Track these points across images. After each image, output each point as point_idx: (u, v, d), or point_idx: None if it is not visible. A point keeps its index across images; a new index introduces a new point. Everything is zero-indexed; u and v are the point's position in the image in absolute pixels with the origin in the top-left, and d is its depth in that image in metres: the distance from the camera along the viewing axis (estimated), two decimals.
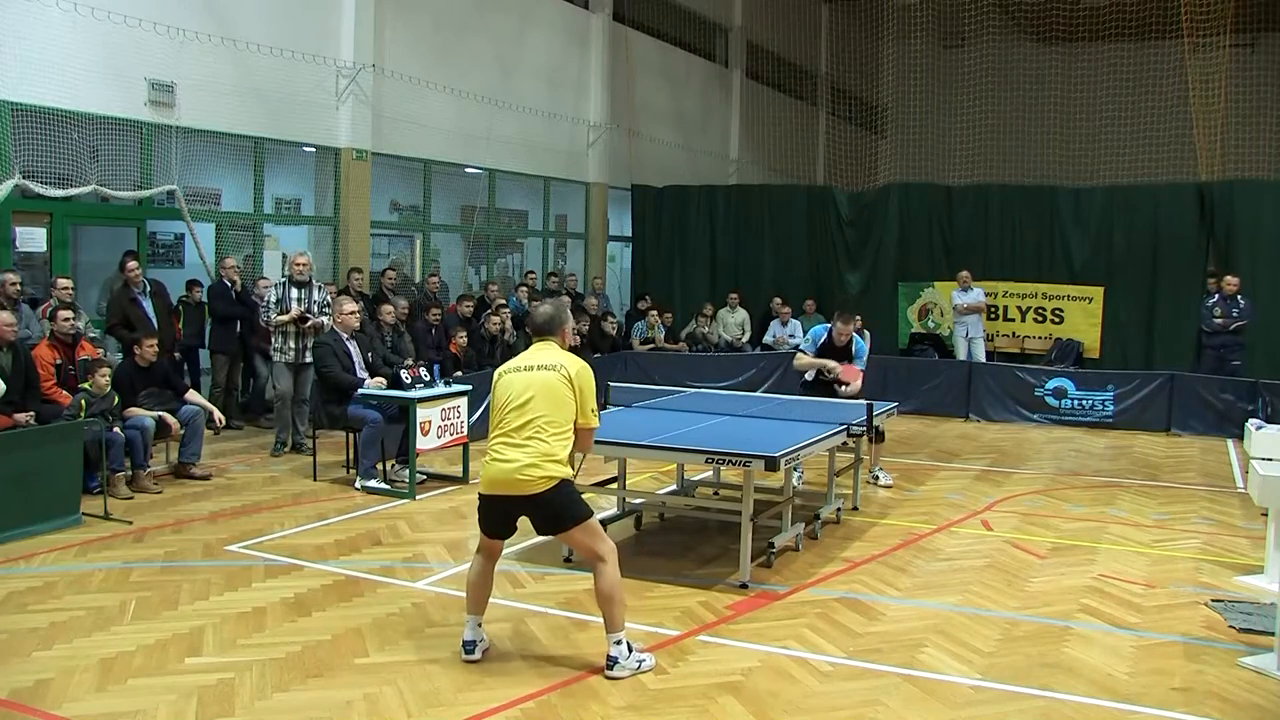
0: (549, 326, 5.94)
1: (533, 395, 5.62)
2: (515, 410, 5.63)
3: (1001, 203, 17.50)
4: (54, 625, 6.16)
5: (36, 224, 11.62)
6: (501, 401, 5.71)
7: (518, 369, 5.77)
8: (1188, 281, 15.95)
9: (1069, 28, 22.80)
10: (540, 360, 5.76)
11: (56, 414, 9.08)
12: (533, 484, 5.53)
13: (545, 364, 5.72)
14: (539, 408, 5.60)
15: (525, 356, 5.87)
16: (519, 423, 5.60)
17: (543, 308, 6.04)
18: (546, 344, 5.91)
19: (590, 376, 5.78)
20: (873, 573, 7.58)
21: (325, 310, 11.30)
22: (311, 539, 8.17)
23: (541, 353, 5.83)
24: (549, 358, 5.77)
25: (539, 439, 5.56)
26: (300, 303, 11.27)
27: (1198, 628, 6.54)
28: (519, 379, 5.70)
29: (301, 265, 11.47)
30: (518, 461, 5.54)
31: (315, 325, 11.18)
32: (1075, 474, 11.47)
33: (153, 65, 12.15)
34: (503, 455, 5.59)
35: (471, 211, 17.87)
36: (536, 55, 18.42)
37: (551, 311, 5.98)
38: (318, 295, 11.44)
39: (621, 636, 5.60)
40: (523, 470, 5.52)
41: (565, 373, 5.67)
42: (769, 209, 19.20)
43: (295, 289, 11.34)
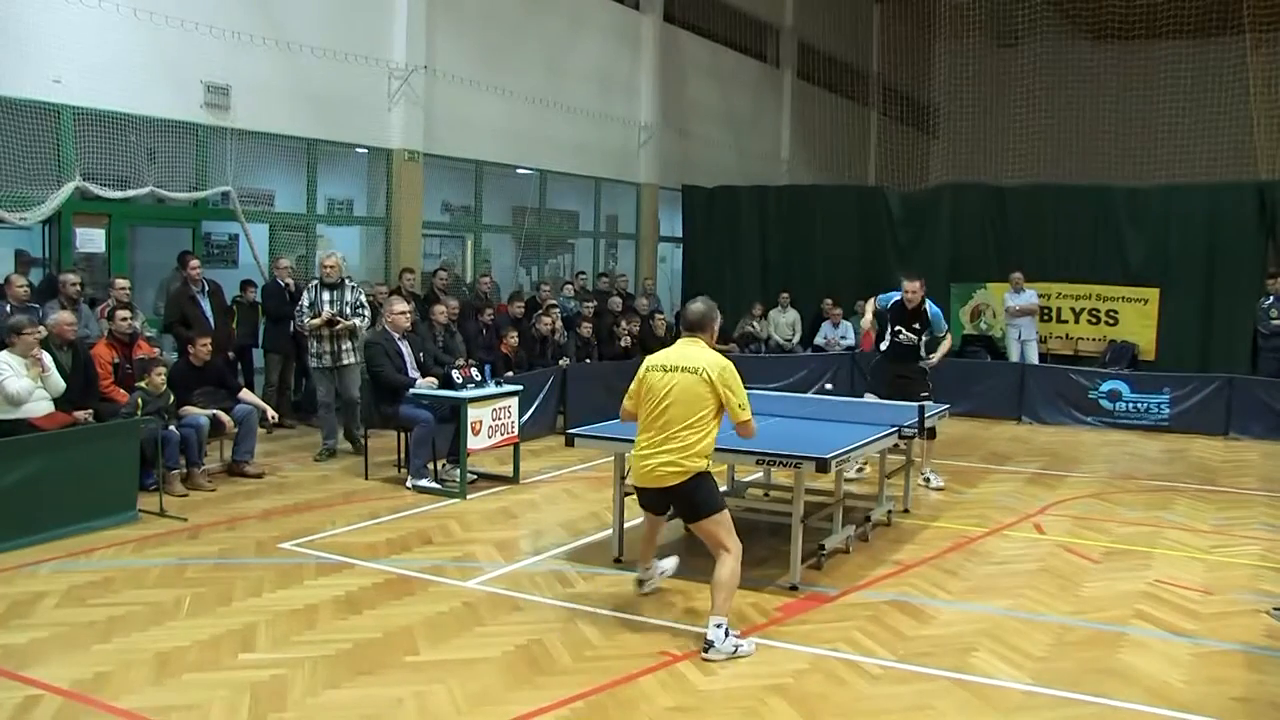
0: (701, 323, 6.21)
1: (670, 400, 5.97)
2: (654, 412, 6.03)
3: (1055, 203, 17.28)
4: (112, 619, 6.26)
5: (96, 225, 11.80)
6: (645, 396, 6.12)
7: (661, 367, 6.10)
8: (1246, 283, 15.65)
9: (1125, 25, 22.51)
10: (683, 361, 6.04)
11: (114, 412, 9.23)
12: (669, 478, 5.99)
13: (687, 365, 6.00)
14: (674, 412, 5.96)
15: (671, 354, 6.18)
16: (656, 424, 6.02)
17: (696, 305, 6.29)
18: (694, 341, 6.19)
19: (734, 374, 6.02)
20: (923, 575, 7.52)
21: (360, 311, 11.15)
22: (362, 537, 8.23)
23: (687, 351, 6.12)
24: (692, 358, 6.04)
25: (675, 439, 5.95)
26: (332, 305, 11.02)
27: (1258, 636, 6.42)
28: (660, 379, 6.06)
29: (329, 267, 11.16)
30: (655, 460, 6.00)
31: (347, 328, 11.01)
32: (1130, 477, 11.31)
33: (208, 68, 12.31)
34: (644, 454, 6.06)
35: (523, 212, 17.94)
36: (587, 56, 18.45)
37: (704, 309, 6.24)
38: (350, 296, 11.16)
39: (723, 621, 5.85)
40: (660, 468, 5.99)
41: (706, 375, 5.94)
42: (820, 209, 19.10)
43: (327, 291, 11.10)
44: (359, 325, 11.06)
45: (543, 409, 12.81)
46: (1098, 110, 23.05)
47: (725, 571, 5.93)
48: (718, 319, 6.32)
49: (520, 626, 6.30)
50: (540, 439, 12.44)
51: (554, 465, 11.19)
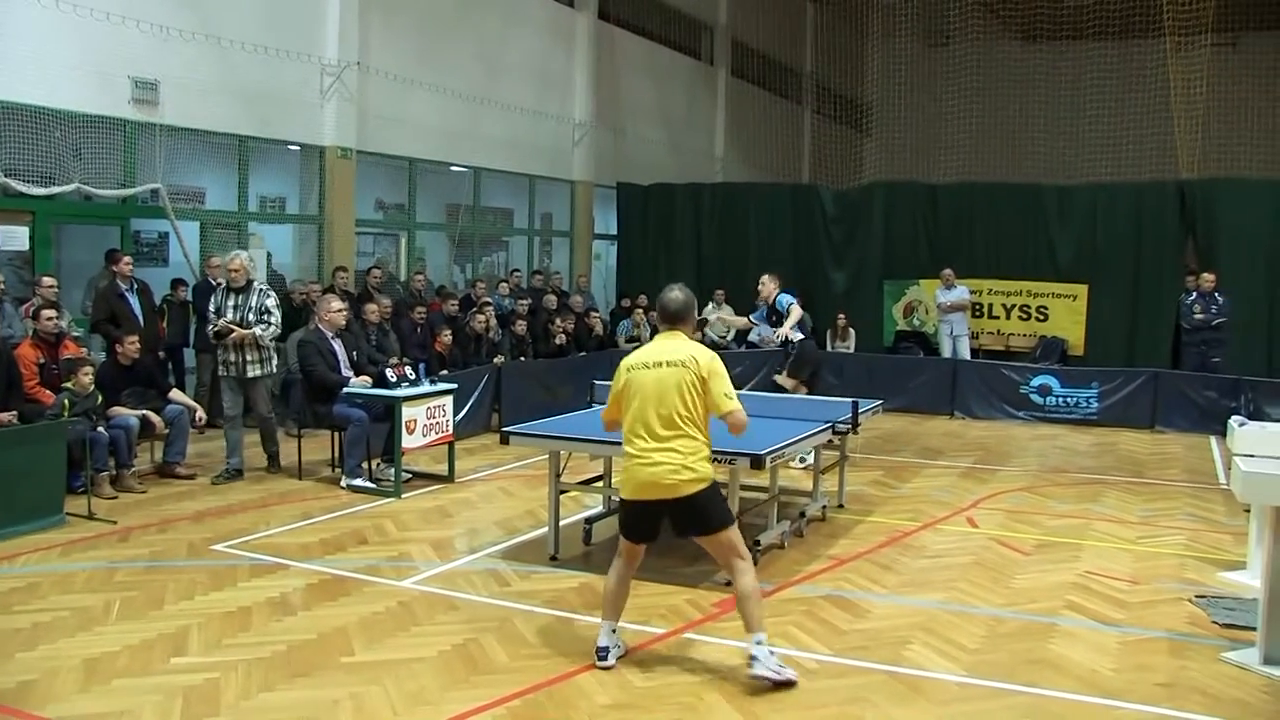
0: (682, 314, 5.72)
1: (668, 394, 5.45)
2: (653, 411, 5.47)
3: (986, 201, 17.53)
4: (37, 626, 6.13)
5: (19, 223, 11.55)
6: (634, 400, 5.54)
7: (646, 365, 5.56)
8: (1169, 279, 16.01)
9: (1053, 26, 22.89)
10: (670, 355, 5.55)
11: (40, 413, 9.04)
12: (684, 486, 5.42)
13: (675, 360, 5.52)
14: (677, 406, 5.45)
15: (653, 350, 5.66)
16: (660, 424, 5.45)
17: (675, 293, 5.77)
18: (674, 334, 5.71)
19: (720, 365, 5.58)
20: (859, 570, 7.59)
21: (265, 317, 10.04)
22: (297, 538, 8.15)
23: (670, 345, 5.63)
24: (678, 352, 5.56)
25: (685, 437, 5.44)
26: (235, 310, 10.04)
27: (1182, 623, 6.57)
28: (649, 376, 5.52)
29: (234, 270, 10.13)
30: (666, 464, 5.41)
31: (243, 337, 9.95)
32: (1060, 471, 11.51)
33: (136, 63, 12.10)
34: (649, 458, 5.44)
35: (457, 210, 17.84)
36: (521, 53, 18.39)
37: (684, 299, 5.74)
38: (255, 300, 10.06)
39: (763, 636, 5.48)
40: (673, 473, 5.40)
41: (696, 367, 5.49)
42: (754, 207, 19.19)
43: (232, 295, 10.12)
44: (262, 334, 9.98)
45: (477, 407, 12.76)
46: (1027, 110, 23.39)
47: (748, 583, 5.51)
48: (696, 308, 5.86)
49: (456, 626, 6.27)
50: (475, 437, 12.39)
51: (489, 463, 11.15)
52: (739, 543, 5.61)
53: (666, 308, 5.76)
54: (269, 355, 10.20)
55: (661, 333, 5.78)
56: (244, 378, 10.12)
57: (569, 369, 14.50)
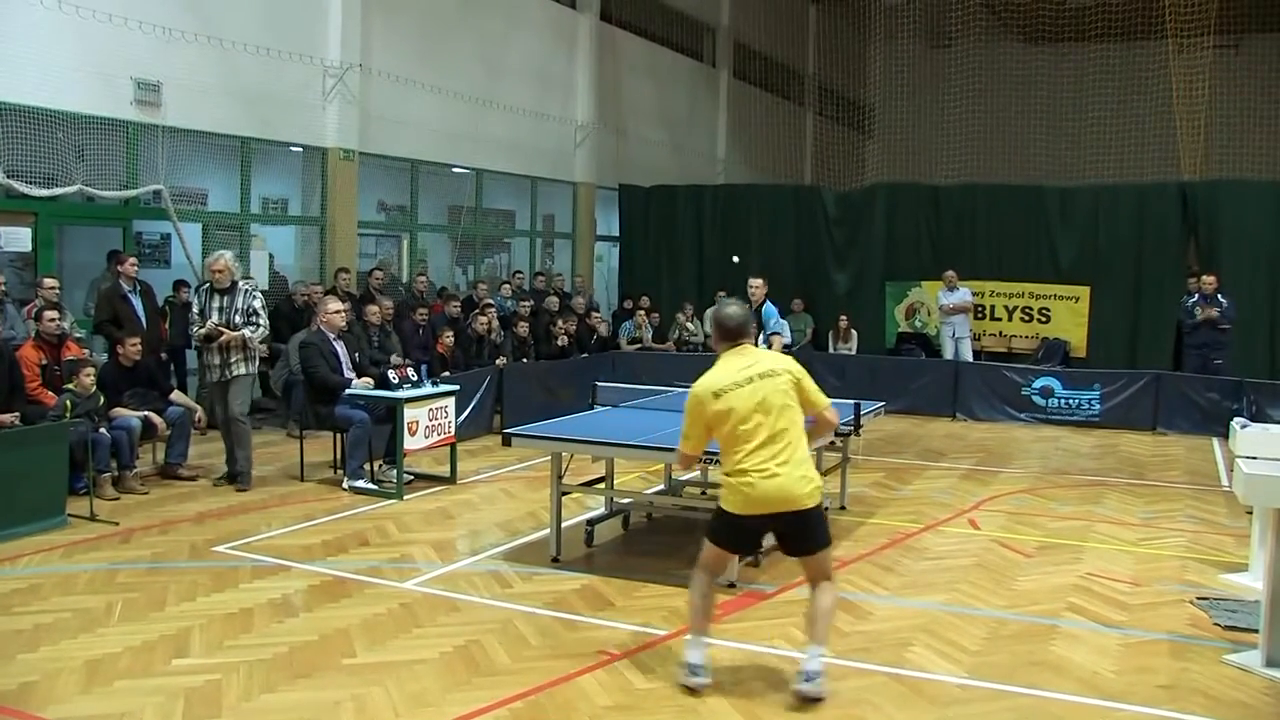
0: (744, 329, 5.64)
1: (772, 408, 5.36)
2: (763, 423, 5.34)
3: (988, 202, 17.52)
4: (39, 627, 6.13)
5: (21, 224, 11.56)
6: (735, 421, 5.35)
7: (738, 384, 5.39)
8: (1171, 280, 16.00)
9: (1055, 28, 22.90)
10: (758, 369, 5.44)
11: (42, 415, 9.04)
12: (809, 497, 5.36)
13: (766, 371, 5.43)
14: (783, 420, 5.38)
15: (735, 369, 5.47)
16: (770, 438, 5.35)
17: (733, 309, 5.67)
18: (742, 348, 5.59)
19: (803, 369, 5.58)
20: (860, 572, 7.59)
21: (253, 319, 9.76)
22: (299, 540, 8.15)
23: (751, 359, 5.53)
24: (765, 362, 5.52)
25: (796, 452, 5.38)
26: (221, 313, 9.72)
27: (1183, 625, 6.56)
28: (745, 394, 5.37)
29: (218, 271, 9.78)
30: (791, 475, 5.32)
31: (232, 339, 9.65)
32: (1062, 473, 11.50)
33: (139, 65, 12.09)
34: (772, 471, 5.31)
35: (459, 211, 17.85)
36: (523, 55, 18.38)
37: (743, 314, 5.68)
38: (241, 301, 9.76)
39: (826, 650, 5.46)
40: (799, 483, 5.33)
41: (790, 376, 5.46)
42: (756, 209, 19.18)
43: (217, 297, 9.79)
44: (250, 336, 9.72)
45: (479, 409, 12.76)
46: (1029, 112, 23.39)
47: (830, 600, 5.50)
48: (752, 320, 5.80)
49: (458, 627, 6.27)
50: (477, 439, 12.39)
51: (491, 465, 11.15)
52: (831, 561, 5.61)
53: (727, 324, 5.63)
54: (252, 355, 9.89)
55: (729, 350, 5.59)
56: (224, 379, 9.75)
57: (571, 370, 14.51)
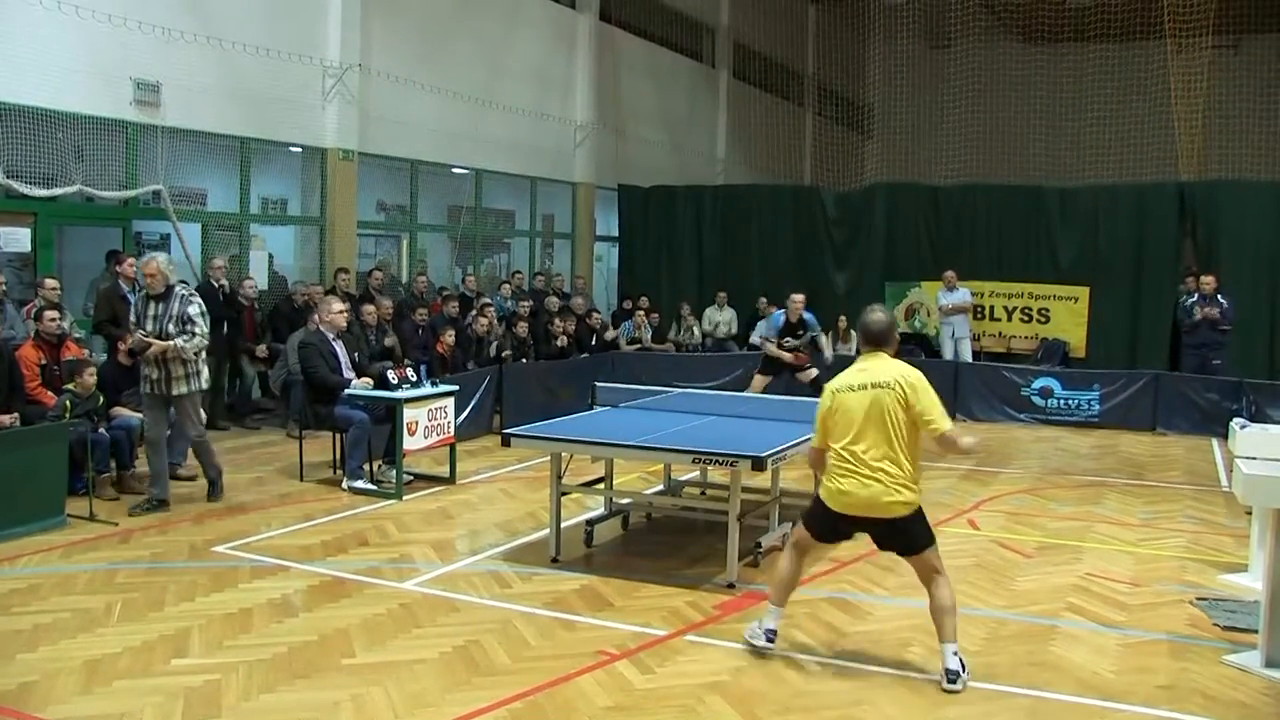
0: (885, 336, 5.77)
1: (873, 418, 5.52)
2: (862, 433, 5.53)
3: (987, 203, 17.52)
4: (38, 627, 6.13)
5: (21, 224, 11.55)
6: (841, 423, 5.59)
7: (852, 388, 5.60)
8: (1170, 281, 16.02)
9: (1054, 28, 22.89)
10: (875, 377, 5.59)
11: (41, 415, 9.03)
12: (894, 509, 5.52)
13: (881, 381, 5.57)
14: (883, 431, 5.51)
15: (858, 372, 5.67)
16: (869, 446, 5.52)
17: (878, 315, 5.81)
18: (878, 355, 5.73)
19: (927, 383, 5.64)
20: (860, 572, 7.59)
21: (189, 327, 8.72)
22: (298, 540, 8.15)
23: (873, 365, 5.67)
24: (883, 373, 5.61)
25: (892, 461, 5.50)
26: (155, 321, 8.75)
27: (1183, 626, 6.56)
28: (855, 399, 5.57)
29: (151, 276, 8.79)
30: (878, 488, 5.48)
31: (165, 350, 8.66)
32: (1061, 473, 11.50)
33: (138, 65, 12.09)
34: (859, 480, 5.51)
35: (458, 211, 17.84)
36: (523, 55, 18.38)
37: (888, 320, 5.82)
38: (177, 308, 8.74)
39: (958, 647, 5.59)
40: (885, 496, 5.48)
41: (902, 388, 5.55)
42: (756, 209, 19.18)
43: (152, 304, 8.84)
44: (183, 346, 8.68)
45: (479, 409, 12.76)
46: (1029, 112, 23.38)
47: (948, 595, 5.61)
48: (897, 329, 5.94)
49: (457, 628, 6.27)
50: (476, 439, 12.38)
51: (490, 465, 11.15)
52: (939, 560, 5.69)
53: (870, 329, 5.76)
54: (196, 369, 8.91)
55: (865, 354, 5.79)
56: (169, 395, 8.87)
57: (570, 370, 14.50)
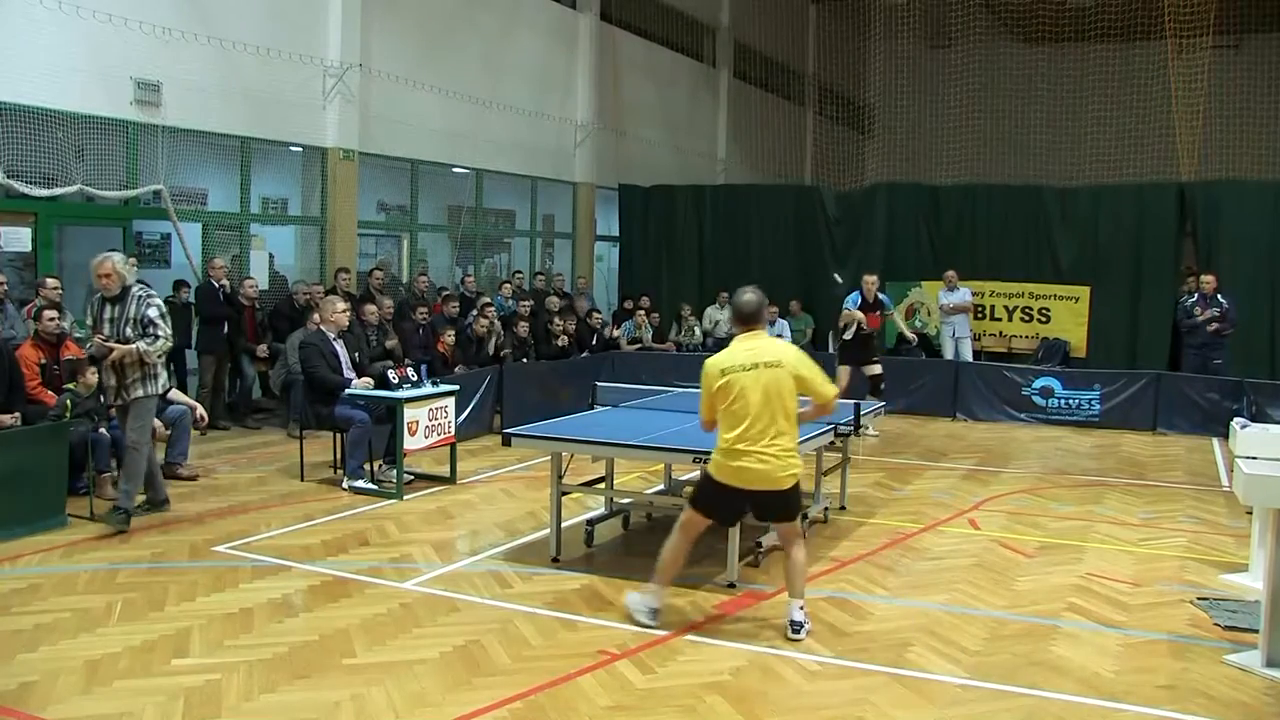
0: (758, 315, 6.24)
1: (769, 397, 5.95)
2: (758, 410, 5.93)
3: (988, 202, 17.52)
4: (39, 627, 6.13)
5: (21, 224, 11.56)
6: (735, 400, 5.99)
7: (743, 367, 6.01)
8: (1170, 281, 16.03)
9: (1054, 28, 22.88)
10: (764, 357, 6.04)
11: (42, 415, 9.03)
12: (785, 480, 6.03)
13: (770, 360, 6.02)
14: (778, 408, 5.96)
15: (745, 352, 6.09)
16: (765, 422, 5.94)
17: (749, 295, 6.25)
18: (756, 334, 6.20)
19: (807, 358, 6.18)
20: (860, 572, 7.59)
21: (151, 330, 8.26)
22: (299, 539, 8.15)
23: (758, 344, 6.13)
24: (769, 352, 6.08)
25: (786, 435, 6.00)
26: (111, 324, 8.33)
27: (1183, 626, 6.56)
28: (749, 379, 5.98)
29: (104, 276, 8.31)
30: (774, 462, 5.96)
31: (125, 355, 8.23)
32: (1062, 473, 11.50)
33: (139, 64, 12.10)
34: (762, 455, 5.94)
35: (459, 211, 17.85)
36: (523, 55, 18.39)
37: (757, 299, 6.24)
38: (134, 310, 8.29)
39: (804, 603, 6.21)
40: (781, 470, 5.98)
41: (789, 366, 6.03)
42: (756, 209, 19.18)
43: (108, 306, 8.39)
44: (145, 350, 8.21)
45: (479, 409, 12.76)
46: (1029, 112, 23.39)
47: (803, 556, 6.27)
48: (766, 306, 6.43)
49: (458, 627, 6.27)
50: (477, 439, 12.39)
51: (491, 465, 11.15)
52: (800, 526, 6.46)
53: (743, 309, 6.25)
54: (154, 372, 8.41)
55: (745, 333, 6.22)
56: (128, 400, 8.38)
57: (571, 370, 14.50)
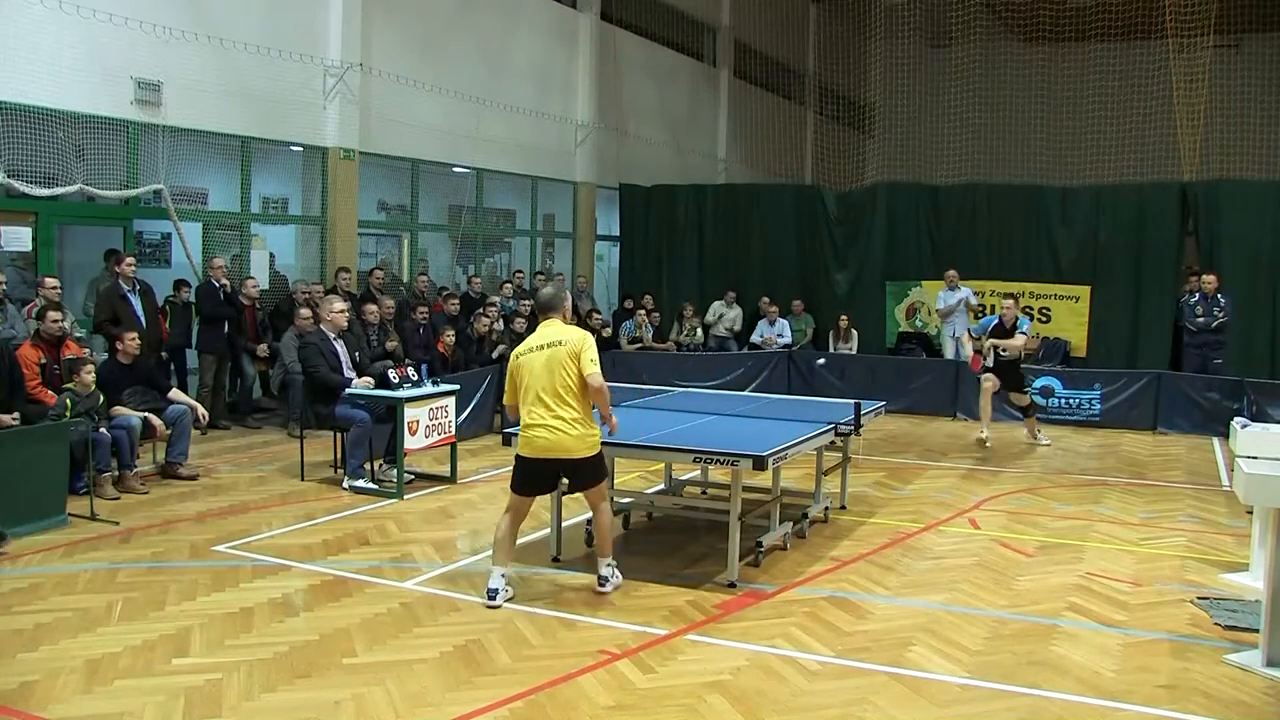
0: (552, 304, 6.92)
1: (552, 371, 6.56)
2: (543, 386, 6.56)
3: (989, 202, 17.52)
4: (39, 627, 6.13)
5: (22, 223, 11.56)
6: (526, 380, 6.65)
7: (531, 349, 6.69)
8: (1171, 280, 16.03)
9: (1055, 28, 22.84)
10: (549, 339, 6.67)
11: (42, 414, 9.03)
12: (580, 450, 6.62)
13: (553, 341, 6.65)
14: (560, 381, 6.55)
15: (535, 337, 6.76)
16: (550, 398, 6.55)
17: (545, 289, 7.05)
18: (551, 322, 6.85)
19: (590, 339, 6.75)
20: (861, 571, 7.59)
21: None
22: (299, 539, 8.15)
23: (548, 331, 6.76)
24: (555, 334, 6.70)
25: (570, 408, 6.55)
26: None
27: (1184, 625, 6.56)
28: (537, 359, 6.63)
29: None
30: (564, 430, 6.55)
31: None
32: (1062, 473, 11.50)
33: (139, 64, 12.10)
34: (548, 424, 6.55)
35: (459, 211, 17.85)
36: (524, 54, 18.39)
37: (553, 291, 6.97)
38: None
39: (612, 561, 6.95)
40: (569, 437, 6.56)
41: (570, 348, 6.60)
42: (757, 208, 19.17)
43: None
44: None
45: (479, 408, 12.76)
46: (1030, 111, 23.34)
47: (609, 518, 6.95)
48: (568, 299, 7.14)
49: (458, 627, 6.27)
50: (477, 438, 12.40)
51: (491, 465, 11.15)
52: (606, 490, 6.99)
53: (539, 300, 7.06)
54: None
55: (542, 323, 6.89)
56: None
57: None
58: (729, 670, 5.66)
